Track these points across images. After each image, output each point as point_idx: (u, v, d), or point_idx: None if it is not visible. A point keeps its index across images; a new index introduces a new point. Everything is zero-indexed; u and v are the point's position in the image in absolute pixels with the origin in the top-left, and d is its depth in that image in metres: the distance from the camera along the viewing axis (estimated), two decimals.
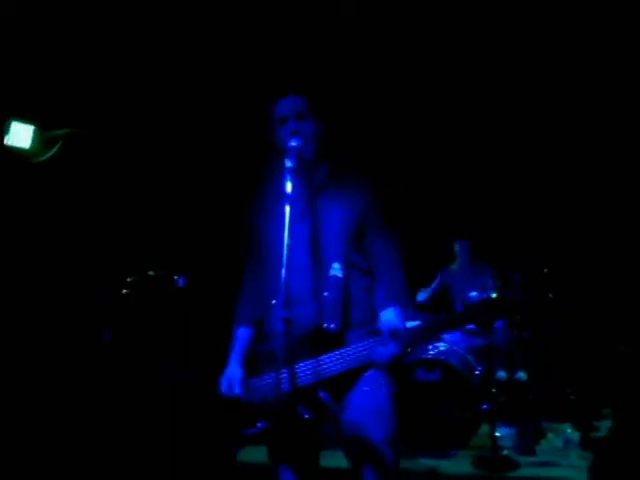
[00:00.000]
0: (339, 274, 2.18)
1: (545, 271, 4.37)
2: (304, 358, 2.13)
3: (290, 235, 2.02)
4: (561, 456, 3.98)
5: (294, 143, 2.19)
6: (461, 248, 5.34)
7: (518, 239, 5.35)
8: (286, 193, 2.07)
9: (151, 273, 4.60)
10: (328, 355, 2.13)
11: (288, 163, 2.13)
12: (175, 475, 3.86)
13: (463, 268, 5.33)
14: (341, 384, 2.15)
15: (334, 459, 2.54)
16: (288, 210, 2.05)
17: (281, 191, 2.09)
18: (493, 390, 4.21)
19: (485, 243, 5.28)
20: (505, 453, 3.93)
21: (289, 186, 2.08)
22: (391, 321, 2.16)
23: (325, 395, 2.13)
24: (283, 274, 1.98)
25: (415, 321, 2.17)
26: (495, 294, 4.20)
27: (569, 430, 4.34)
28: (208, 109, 4.76)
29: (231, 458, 3.84)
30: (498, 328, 4.85)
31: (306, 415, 2.08)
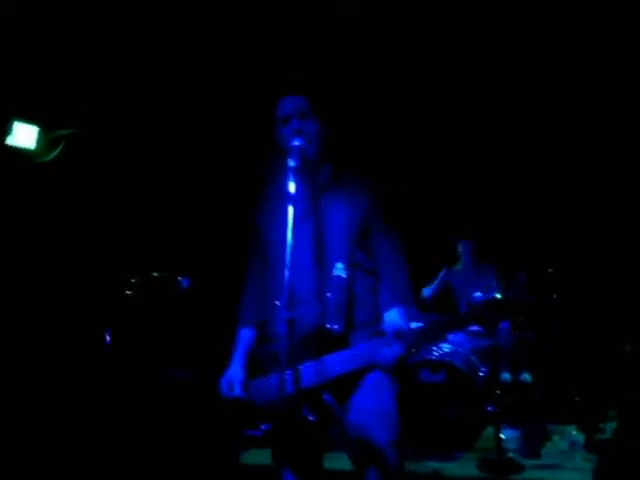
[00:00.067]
0: (343, 274, 2.17)
1: (549, 271, 4.36)
2: (307, 359, 2.11)
3: (293, 235, 2.01)
4: (566, 458, 3.96)
5: (297, 142, 2.18)
6: (464, 249, 5.33)
7: (522, 239, 5.34)
8: (289, 193, 2.06)
9: (155, 274, 4.60)
10: (332, 356, 2.11)
11: (291, 163, 2.11)
12: (178, 477, 3.86)
13: (466, 269, 5.32)
14: (345, 385, 2.13)
15: (338, 461, 2.53)
16: (291, 210, 2.04)
17: (284, 191, 2.08)
18: (497, 392, 4.19)
19: (488, 243, 5.26)
20: (510, 455, 3.91)
21: (292, 186, 2.07)
22: (395, 322, 2.15)
23: (329, 397, 2.12)
24: (286, 274, 1.97)
25: (419, 322, 2.15)
26: (499, 295, 4.19)
27: (574, 432, 4.31)
28: (211, 110, 4.76)
29: (235, 460, 3.84)
30: (502, 329, 4.84)
31: (310, 417, 2.07)
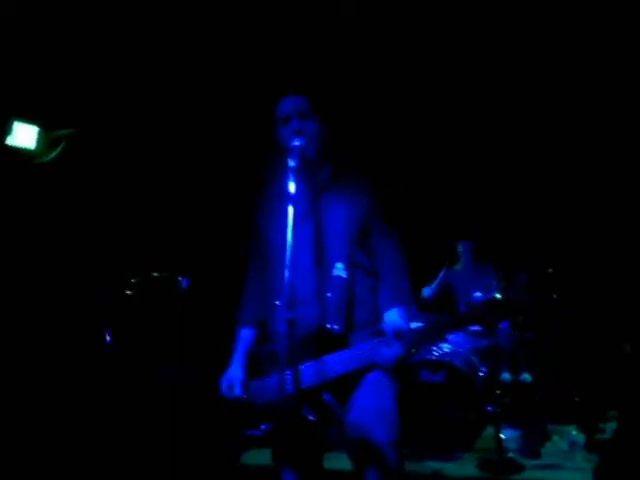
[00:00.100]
0: (343, 274, 2.17)
1: (549, 271, 4.36)
2: (307, 359, 2.11)
3: (293, 235, 2.01)
4: (566, 458, 3.96)
5: (297, 142, 2.18)
6: (464, 249, 5.33)
7: (522, 239, 5.34)
8: (289, 193, 2.06)
9: (155, 274, 4.60)
10: (332, 356, 2.11)
11: (291, 163, 2.11)
12: (179, 477, 3.85)
13: (466, 269, 5.32)
14: (345, 385, 2.13)
15: (338, 461, 2.53)
16: (291, 210, 2.03)
17: (284, 191, 2.08)
18: (497, 392, 4.19)
19: (488, 243, 5.26)
20: (510, 455, 3.91)
21: (292, 186, 2.07)
22: (395, 322, 2.15)
23: (329, 397, 2.12)
24: (286, 274, 1.97)
25: (419, 322, 2.15)
26: (499, 295, 4.19)
27: (574, 432, 4.31)
28: (211, 110, 4.76)
29: (235, 460, 3.84)
30: (502, 329, 4.84)
31: (310, 417, 2.07)
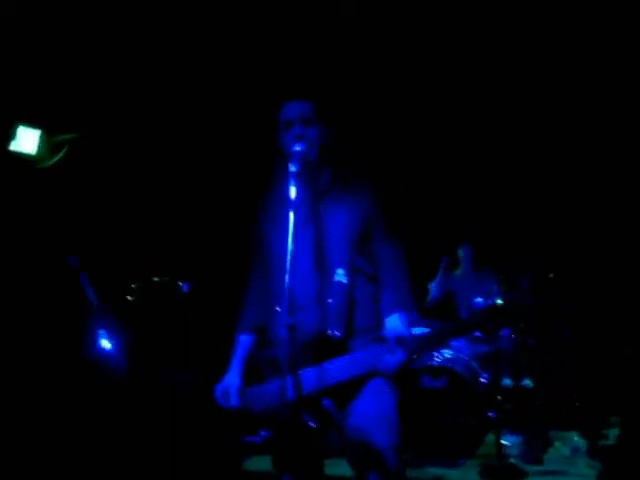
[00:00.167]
0: (343, 280, 2.16)
1: (551, 276, 4.35)
2: (308, 365, 2.10)
3: (294, 241, 2.00)
4: (569, 465, 3.94)
5: (298, 148, 2.17)
6: (465, 253, 5.31)
7: (523, 243, 5.32)
8: (290, 198, 2.05)
9: (156, 279, 4.59)
10: (332, 362, 2.10)
11: (292, 168, 2.10)
12: None
13: (467, 274, 5.30)
14: (345, 391, 2.12)
15: (339, 467, 2.52)
16: (292, 216, 2.03)
17: (285, 196, 2.08)
18: (499, 397, 4.17)
19: (489, 247, 5.24)
20: (512, 462, 3.89)
21: (293, 191, 2.06)
22: (396, 327, 2.14)
23: (329, 403, 2.11)
24: (287, 280, 1.96)
25: (421, 328, 2.15)
26: (500, 300, 4.18)
27: (576, 438, 4.28)
28: (213, 115, 4.76)
29: (237, 467, 3.82)
30: (503, 335, 4.82)
31: (311, 423, 2.06)
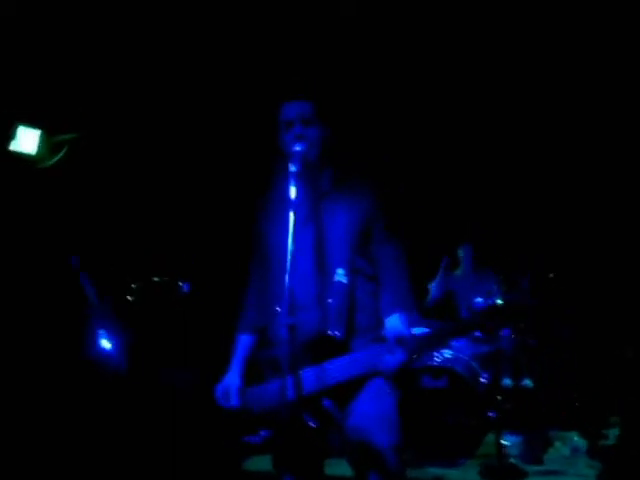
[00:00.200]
0: (343, 280, 2.16)
1: (550, 276, 4.35)
2: (308, 365, 2.10)
3: (294, 241, 2.00)
4: (569, 465, 3.94)
5: (298, 148, 2.17)
6: (465, 253, 5.30)
7: (522, 243, 5.31)
8: (290, 198, 2.05)
9: (156, 279, 4.60)
10: (333, 362, 2.10)
11: (292, 168, 2.10)
12: None
13: (467, 274, 5.29)
14: (345, 391, 2.12)
15: (339, 467, 2.52)
16: (292, 216, 2.03)
17: (285, 196, 2.08)
18: (499, 397, 4.17)
19: (489, 247, 5.24)
20: (512, 462, 3.89)
21: (293, 191, 2.06)
22: (396, 327, 2.14)
23: (329, 403, 2.11)
24: (286, 280, 1.96)
25: (421, 328, 2.14)
26: (500, 300, 4.17)
27: (576, 438, 4.28)
28: (213, 115, 4.76)
29: (237, 467, 3.82)
30: (504, 335, 4.81)
31: (311, 423, 2.06)
